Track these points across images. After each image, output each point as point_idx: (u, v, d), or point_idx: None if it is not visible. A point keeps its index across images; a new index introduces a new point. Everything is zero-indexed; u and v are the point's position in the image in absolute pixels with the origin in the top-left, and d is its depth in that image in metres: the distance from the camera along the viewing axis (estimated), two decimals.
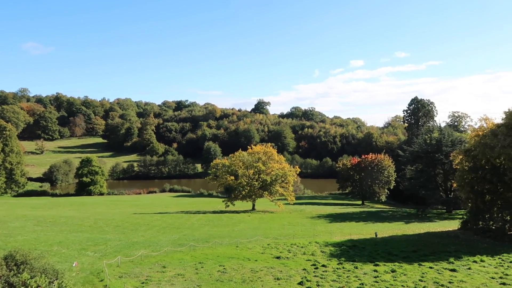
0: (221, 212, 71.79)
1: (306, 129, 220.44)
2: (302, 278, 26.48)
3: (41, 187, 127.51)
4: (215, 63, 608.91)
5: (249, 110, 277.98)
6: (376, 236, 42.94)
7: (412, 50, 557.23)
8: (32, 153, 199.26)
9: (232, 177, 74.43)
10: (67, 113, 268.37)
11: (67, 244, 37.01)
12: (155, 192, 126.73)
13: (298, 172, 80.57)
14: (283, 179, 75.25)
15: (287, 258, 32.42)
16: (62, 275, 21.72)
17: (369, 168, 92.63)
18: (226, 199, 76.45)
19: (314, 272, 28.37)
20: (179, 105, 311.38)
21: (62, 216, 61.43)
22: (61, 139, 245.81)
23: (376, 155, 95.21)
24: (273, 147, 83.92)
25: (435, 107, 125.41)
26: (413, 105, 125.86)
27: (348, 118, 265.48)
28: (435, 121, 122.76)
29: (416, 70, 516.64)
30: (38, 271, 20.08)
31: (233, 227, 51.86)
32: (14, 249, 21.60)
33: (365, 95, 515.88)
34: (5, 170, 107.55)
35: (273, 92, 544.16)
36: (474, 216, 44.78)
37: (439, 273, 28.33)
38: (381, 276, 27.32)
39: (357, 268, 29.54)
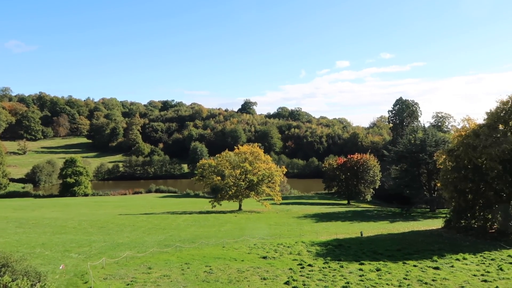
0: (207, 212, 71.56)
1: (293, 129, 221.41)
2: (288, 278, 26.57)
3: (23, 188, 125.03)
4: (201, 63, 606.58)
5: (235, 110, 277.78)
6: (362, 235, 43.33)
7: (396, 51, 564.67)
8: (14, 153, 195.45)
9: (219, 177, 74.28)
10: (50, 113, 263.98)
11: (50, 246, 36.41)
12: (140, 192, 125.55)
13: (284, 172, 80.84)
14: (269, 179, 75.41)
15: (274, 258, 32.48)
16: (45, 277, 21.37)
17: (355, 168, 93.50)
18: (212, 199, 76.24)
19: (300, 271, 28.48)
20: (165, 105, 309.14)
21: (45, 217, 60.41)
22: (44, 139, 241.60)
23: (362, 155, 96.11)
24: (259, 147, 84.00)
25: (419, 107, 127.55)
26: (397, 105, 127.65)
27: (334, 118, 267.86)
28: (419, 121, 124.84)
29: (401, 71, 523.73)
30: (20, 273, 19.69)
31: (219, 228, 51.74)
32: None
33: (351, 96, 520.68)
34: None
35: (259, 92, 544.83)
36: (457, 215, 45.51)
37: (423, 271, 28.75)
38: (366, 275, 27.60)
39: (342, 267, 29.77)
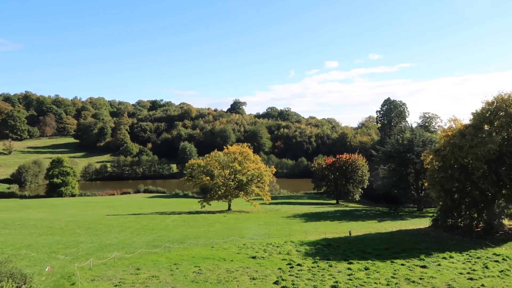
0: (196, 212, 71.28)
1: (282, 129, 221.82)
2: (277, 278, 26.62)
3: (9, 188, 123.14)
4: (191, 62, 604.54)
5: (225, 110, 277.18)
6: (350, 234, 43.62)
7: (385, 52, 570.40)
8: (0, 153, 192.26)
9: (208, 178, 74.07)
10: (36, 112, 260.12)
11: (36, 247, 35.86)
12: (129, 193, 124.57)
13: (274, 172, 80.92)
14: (259, 179, 75.46)
15: (263, 257, 32.51)
16: (31, 279, 21.09)
17: (344, 167, 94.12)
18: (201, 199, 76.02)
19: (289, 271, 28.56)
20: (154, 105, 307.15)
21: (31, 218, 59.51)
22: (30, 139, 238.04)
23: (350, 155, 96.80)
24: (249, 147, 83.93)
25: (407, 108, 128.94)
26: (386, 106, 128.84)
27: (323, 119, 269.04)
28: (407, 121, 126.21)
29: (389, 72, 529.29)
30: (5, 275, 19.40)
31: (208, 228, 51.58)
32: None
33: (339, 96, 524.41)
34: None
35: (249, 92, 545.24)
36: (443, 214, 46.09)
37: (410, 270, 29.06)
38: (355, 274, 27.79)
39: (331, 266, 29.92)
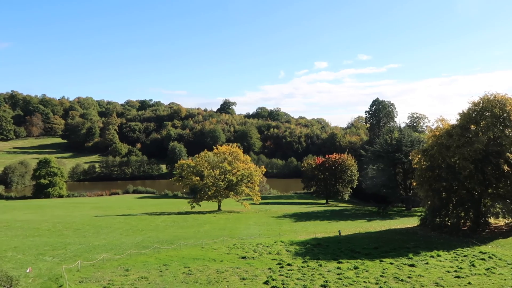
0: (186, 213, 70.99)
1: (272, 129, 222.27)
2: (267, 278, 26.63)
3: None
4: (180, 62, 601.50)
5: (215, 110, 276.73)
6: (340, 234, 43.87)
7: (373, 53, 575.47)
8: None
9: (198, 178, 73.81)
10: (23, 112, 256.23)
11: (23, 249, 35.33)
12: (118, 193, 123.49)
13: (263, 172, 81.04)
14: (249, 179, 75.45)
15: (253, 258, 32.51)
16: (17, 282, 20.77)
17: (333, 167, 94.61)
18: (191, 199, 75.71)
19: (279, 271, 28.61)
20: (143, 105, 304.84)
21: (17, 220, 58.60)
22: (16, 139, 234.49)
23: (340, 155, 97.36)
24: (239, 147, 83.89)
25: (395, 108, 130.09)
26: (374, 106, 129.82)
27: (312, 119, 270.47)
28: (395, 121, 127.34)
29: (377, 73, 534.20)
30: None
31: (198, 228, 51.41)
32: None
33: (329, 96, 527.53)
34: None
35: (238, 92, 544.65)
36: (431, 213, 46.61)
37: (399, 269, 29.34)
38: (344, 273, 27.95)
39: (321, 266, 30.05)
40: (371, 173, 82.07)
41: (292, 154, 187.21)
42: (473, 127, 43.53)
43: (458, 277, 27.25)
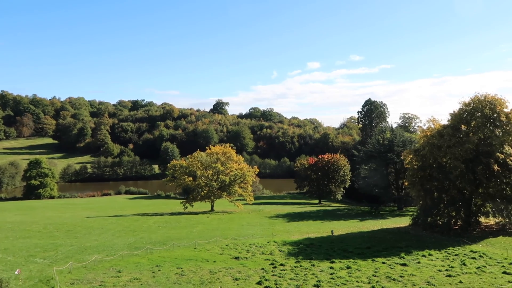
0: (179, 213, 70.73)
1: (265, 129, 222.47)
2: (260, 278, 26.62)
3: None
4: (172, 62, 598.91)
5: (207, 110, 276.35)
6: (332, 234, 44.01)
7: (365, 53, 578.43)
8: None
9: (190, 178, 73.59)
10: (13, 112, 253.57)
11: (13, 251, 34.94)
12: (110, 194, 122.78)
13: (256, 172, 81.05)
14: (242, 179, 75.43)
15: (246, 258, 32.49)
16: (7, 284, 20.54)
17: (326, 167, 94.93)
18: (184, 200, 75.49)
19: (272, 271, 28.61)
20: (135, 105, 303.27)
21: (7, 221, 57.96)
22: (6, 139, 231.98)
23: (332, 155, 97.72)
24: (232, 147, 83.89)
25: (387, 108, 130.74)
26: (366, 106, 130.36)
27: (305, 119, 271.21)
28: (387, 122, 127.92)
29: (370, 73, 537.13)
30: None
31: (191, 229, 51.24)
32: None
33: (321, 96, 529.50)
34: None
35: (231, 92, 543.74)
36: (423, 212, 46.98)
37: (391, 268, 29.50)
38: (337, 273, 28.03)
39: (314, 265, 30.12)
40: (364, 173, 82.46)
41: (285, 154, 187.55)
42: (464, 127, 43.94)
43: (450, 276, 27.47)
